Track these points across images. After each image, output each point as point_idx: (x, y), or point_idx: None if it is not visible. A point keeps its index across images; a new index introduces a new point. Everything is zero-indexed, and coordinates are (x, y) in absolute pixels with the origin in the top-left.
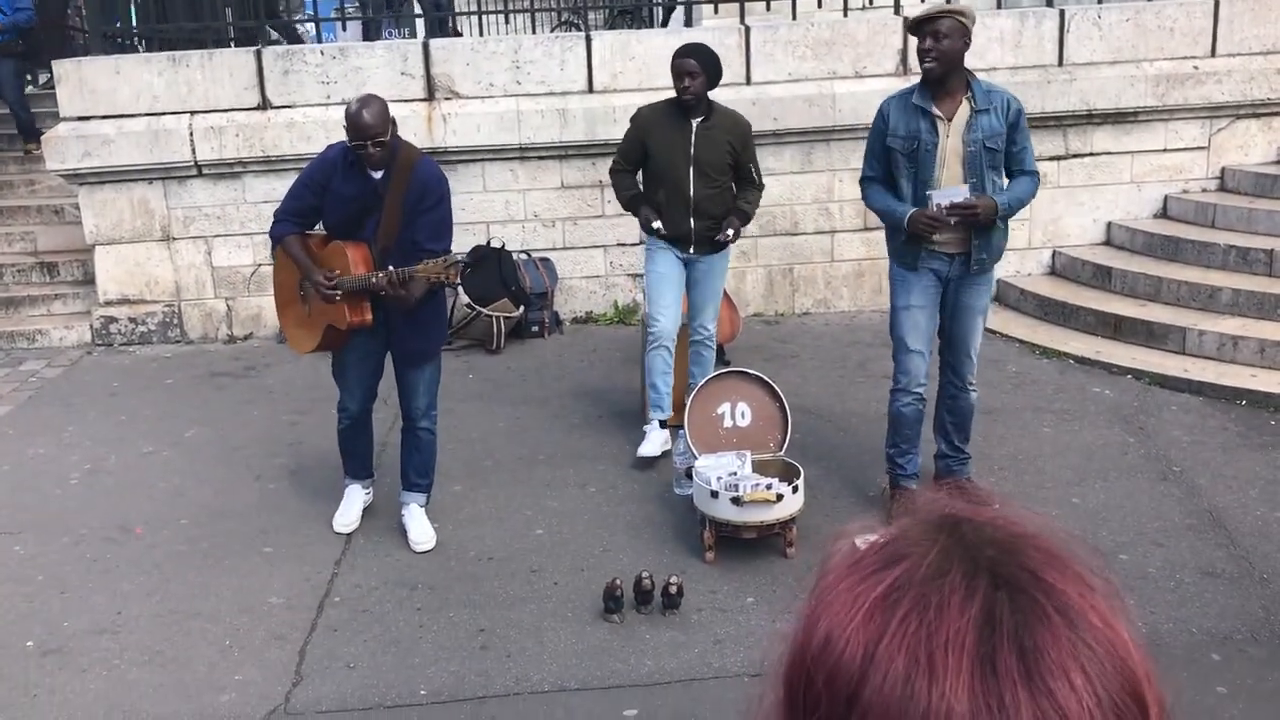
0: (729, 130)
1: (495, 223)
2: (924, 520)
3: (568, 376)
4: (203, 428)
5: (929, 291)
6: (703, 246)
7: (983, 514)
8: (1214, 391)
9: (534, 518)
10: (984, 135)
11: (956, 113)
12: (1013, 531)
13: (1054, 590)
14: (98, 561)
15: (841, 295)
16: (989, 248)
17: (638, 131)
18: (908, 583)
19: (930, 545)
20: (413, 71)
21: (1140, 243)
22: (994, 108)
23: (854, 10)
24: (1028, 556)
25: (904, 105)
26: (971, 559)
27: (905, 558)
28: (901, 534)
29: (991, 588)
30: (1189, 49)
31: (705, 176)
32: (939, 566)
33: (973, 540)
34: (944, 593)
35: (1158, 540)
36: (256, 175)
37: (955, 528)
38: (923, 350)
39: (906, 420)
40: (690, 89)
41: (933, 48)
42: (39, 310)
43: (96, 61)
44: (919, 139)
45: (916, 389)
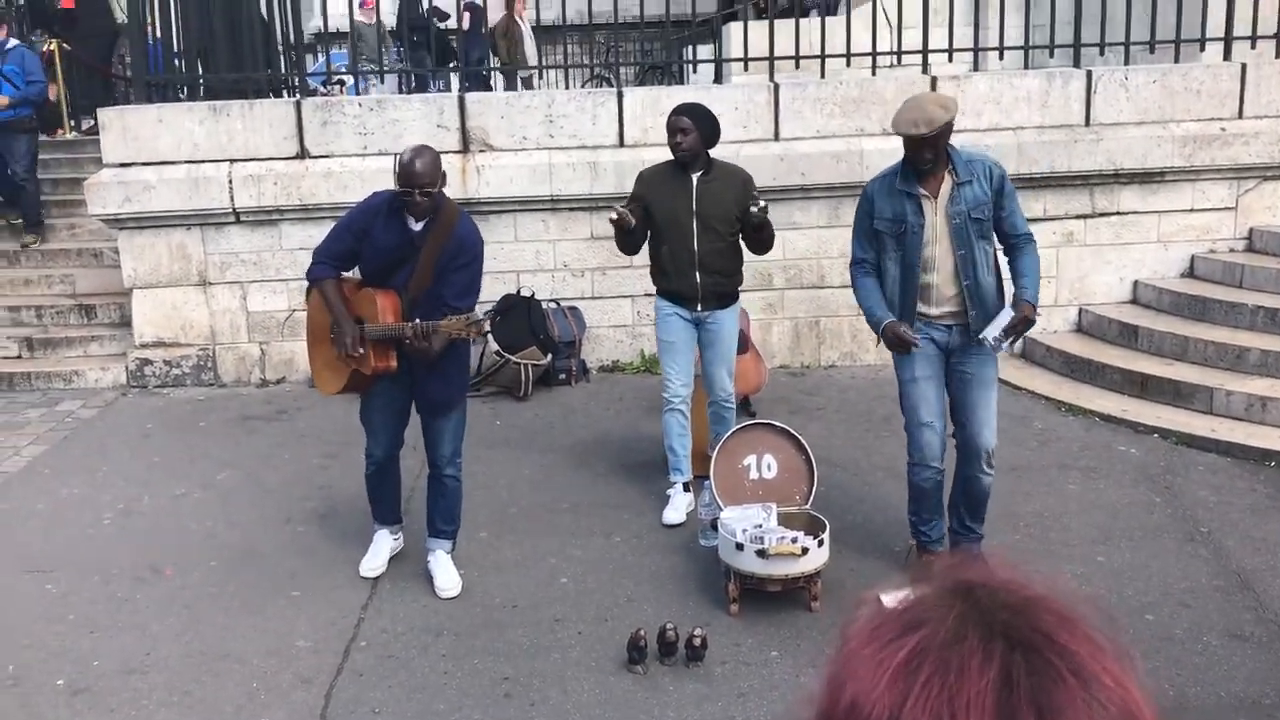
0: (729, 183)
1: (525, 272)
2: (940, 587)
3: (594, 425)
4: (234, 470)
5: (932, 362)
6: (710, 303)
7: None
8: (1242, 452)
9: (559, 566)
10: (968, 206)
11: (941, 188)
12: (1025, 595)
13: (1067, 651)
14: (128, 601)
15: (868, 349)
16: (985, 314)
17: (640, 190)
18: (928, 648)
19: (947, 611)
20: (448, 124)
21: (1167, 302)
22: (976, 177)
23: (882, 69)
24: (1040, 619)
25: (888, 189)
26: (987, 623)
27: (924, 624)
28: (919, 601)
29: (1008, 650)
30: (1216, 110)
31: (710, 230)
32: (957, 631)
33: (987, 605)
34: (963, 656)
35: (1184, 601)
36: (293, 223)
37: (970, 593)
38: (933, 422)
39: (925, 493)
40: (683, 145)
41: (933, 154)
42: (76, 351)
43: (140, 110)
44: (905, 221)
45: (933, 463)
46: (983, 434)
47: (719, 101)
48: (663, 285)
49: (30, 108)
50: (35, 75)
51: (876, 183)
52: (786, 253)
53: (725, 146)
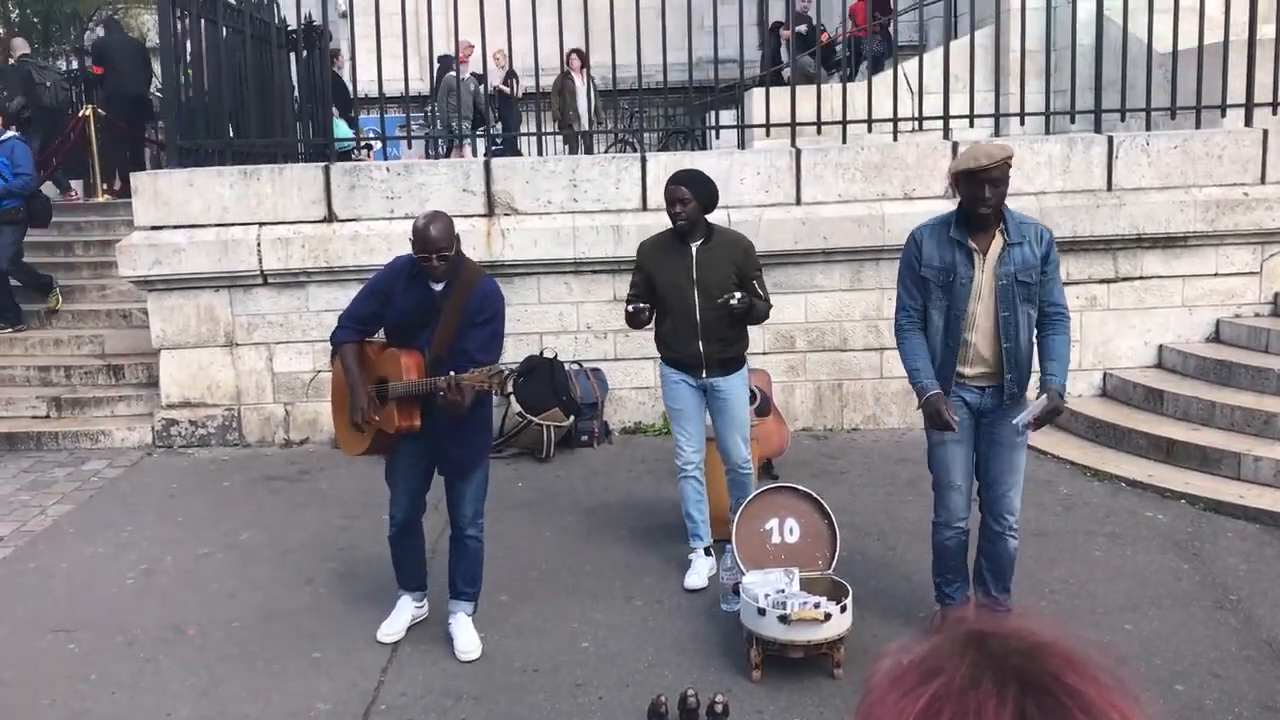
0: (729, 250)
1: (549, 334)
2: (952, 636)
3: (616, 487)
4: (257, 530)
5: (964, 424)
6: (714, 370)
7: (1004, 627)
8: (1271, 519)
9: (580, 630)
10: (1016, 268)
11: (991, 245)
12: (1034, 640)
13: (1076, 692)
14: (150, 662)
15: (890, 412)
16: (1020, 379)
17: (642, 261)
18: (946, 694)
19: (961, 659)
20: (474, 188)
21: (1193, 366)
22: (1027, 240)
23: (903, 134)
24: (1049, 662)
25: (939, 236)
26: (1000, 668)
27: (941, 671)
28: (934, 650)
29: (1020, 693)
30: (1238, 175)
31: (711, 299)
32: (972, 677)
33: (998, 651)
34: (980, 700)
35: (1215, 671)
36: (320, 285)
37: (982, 641)
38: (962, 485)
39: (950, 552)
40: (683, 214)
41: (993, 195)
42: (103, 411)
43: (172, 174)
44: (955, 271)
45: (958, 524)
46: (1009, 496)
47: (741, 166)
48: (667, 354)
49: (18, 200)
50: (24, 168)
51: (926, 229)
52: (809, 315)
53: (747, 210)
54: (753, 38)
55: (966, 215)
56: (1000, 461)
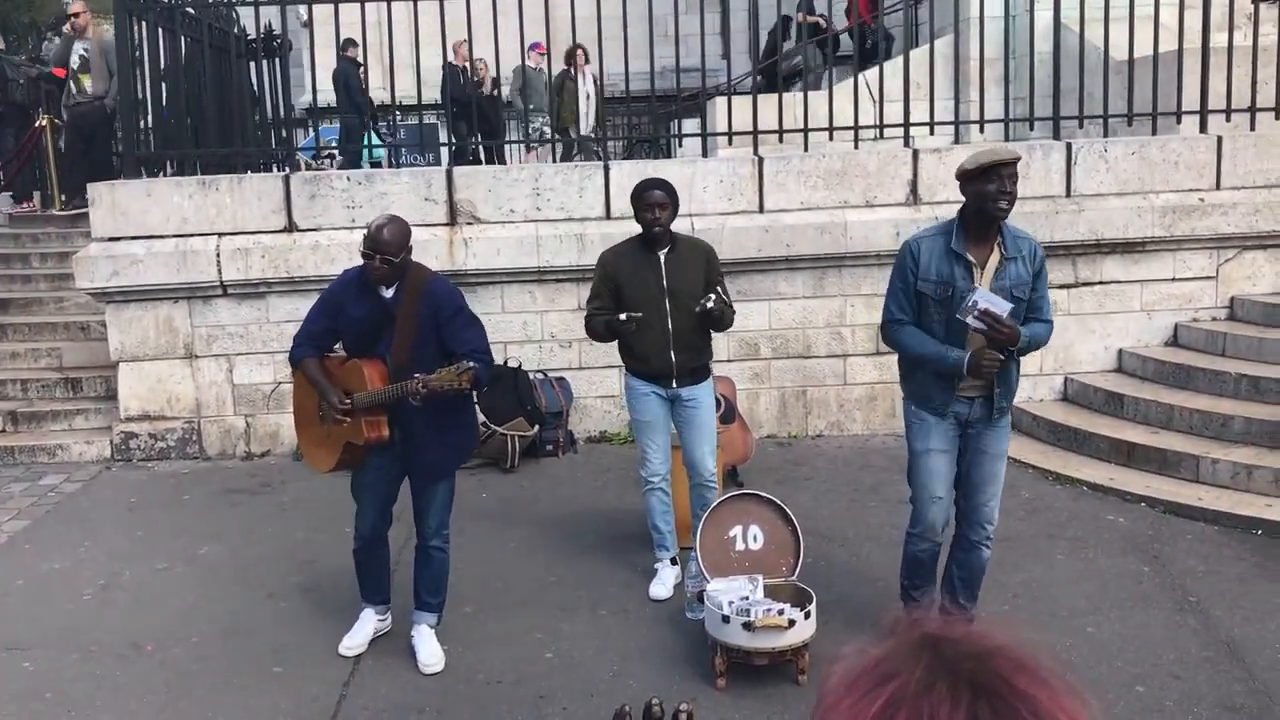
0: (695, 257)
1: (513, 343)
2: (906, 640)
3: (581, 497)
4: (217, 544)
5: (949, 435)
6: (684, 379)
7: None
8: (1229, 521)
9: (544, 641)
10: (1011, 283)
11: (989, 259)
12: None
13: (1026, 696)
14: (107, 679)
15: (854, 419)
16: (1008, 391)
17: (607, 272)
18: (901, 698)
19: (915, 663)
20: (436, 197)
21: (1152, 370)
22: (1022, 255)
23: (865, 142)
24: (1001, 666)
25: (937, 249)
26: (953, 672)
27: (896, 675)
28: (888, 654)
29: (973, 697)
30: (1194, 182)
31: (682, 307)
32: (926, 682)
33: (952, 655)
34: (934, 705)
35: (1174, 673)
36: (281, 295)
37: (935, 646)
38: (944, 497)
39: (922, 563)
40: (660, 220)
41: (1011, 191)
42: (61, 425)
43: (129, 185)
44: (954, 285)
45: (935, 538)
46: (989, 505)
47: (704, 174)
48: (636, 366)
49: None
50: None
51: (925, 241)
52: (773, 323)
53: (711, 218)
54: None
55: (965, 225)
56: (983, 471)
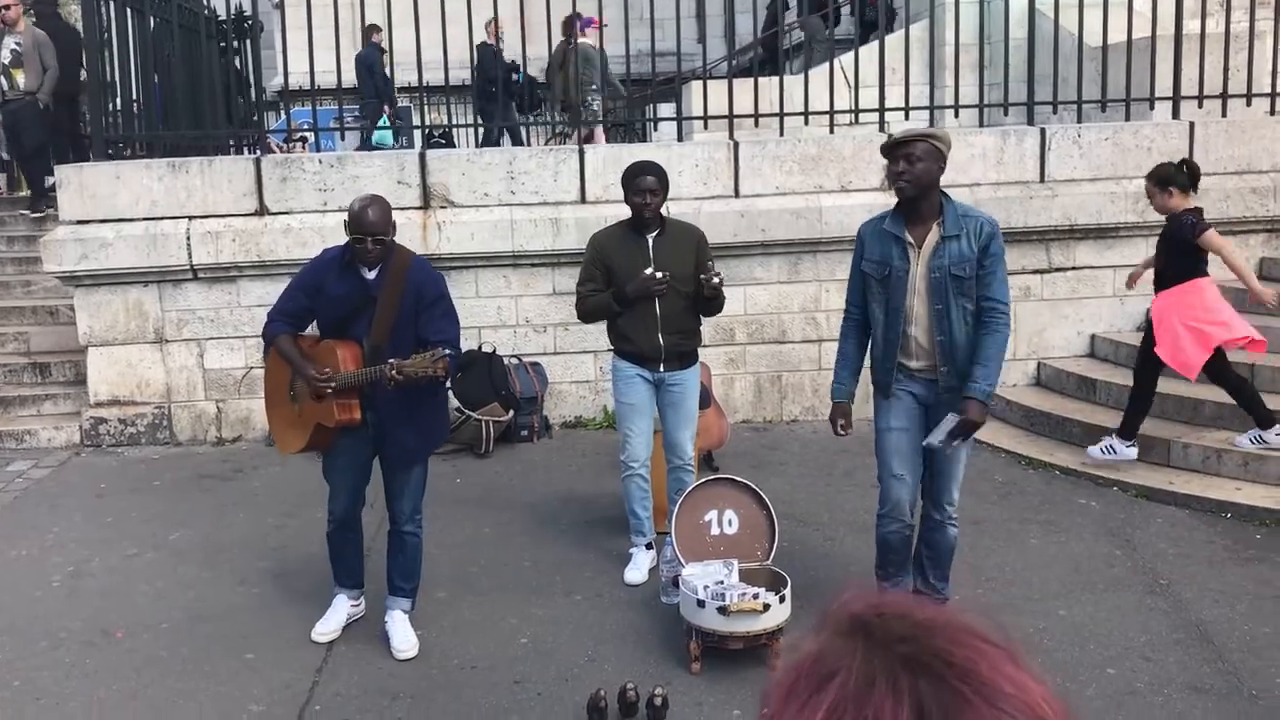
0: (685, 241)
1: (487, 328)
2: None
3: (556, 482)
4: (188, 530)
5: (909, 412)
6: (672, 363)
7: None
8: (1199, 504)
9: (519, 626)
10: (950, 262)
11: (927, 238)
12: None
13: (968, 673)
14: (76, 667)
15: (829, 403)
16: (957, 371)
17: (598, 254)
18: (844, 700)
19: (852, 655)
20: (409, 180)
21: (1124, 355)
22: (965, 232)
23: (840, 127)
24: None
25: (877, 231)
26: (889, 660)
27: (835, 673)
28: (824, 649)
29: (914, 682)
30: None
31: (671, 290)
32: (865, 676)
33: (883, 639)
34: (877, 703)
35: (1146, 655)
36: (252, 279)
37: (867, 630)
38: (905, 476)
39: (892, 546)
40: (652, 205)
41: (906, 170)
42: (29, 410)
43: (98, 167)
44: (891, 265)
45: (901, 517)
46: (949, 487)
47: (680, 159)
48: (624, 348)
49: None
50: None
51: (869, 224)
52: (748, 308)
53: (686, 203)
54: (690, 30)
55: (904, 206)
56: (941, 455)
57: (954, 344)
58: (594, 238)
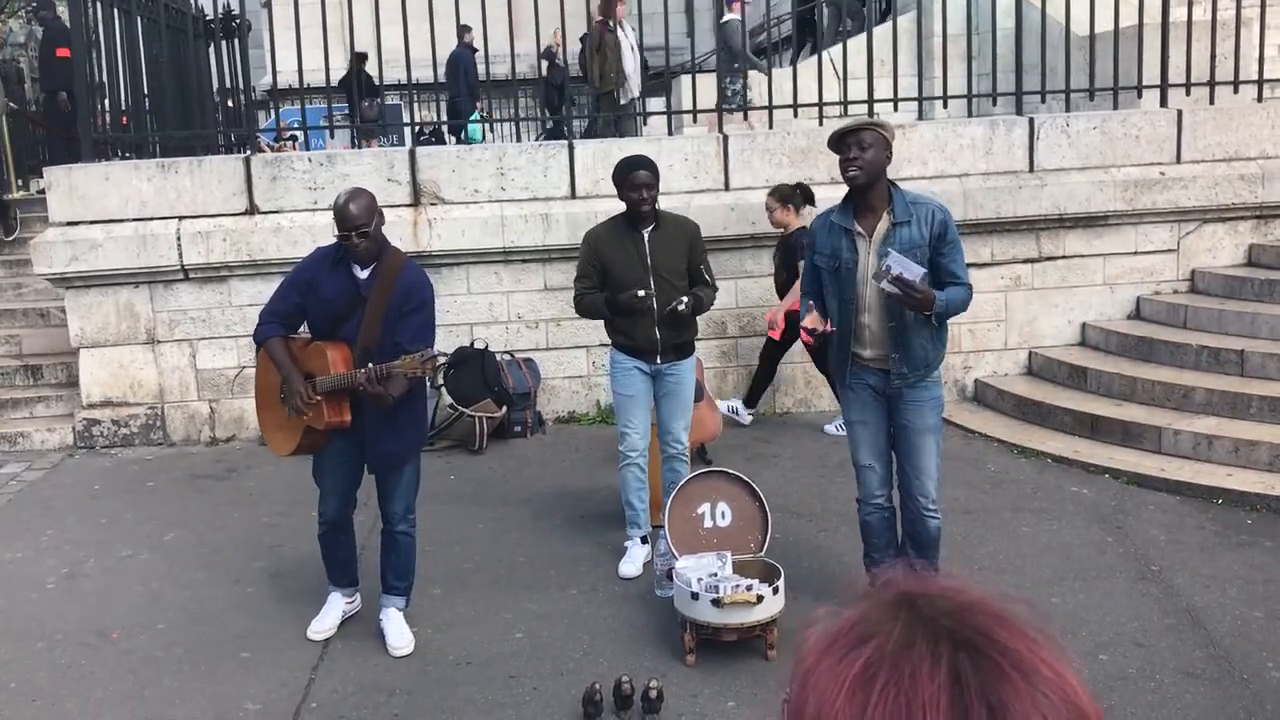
0: (680, 234)
1: (479, 324)
2: (882, 600)
3: (550, 477)
4: (182, 530)
5: (869, 405)
6: (669, 354)
7: (933, 587)
8: (1190, 491)
9: (514, 621)
10: (901, 248)
11: (877, 227)
12: (962, 599)
13: (1007, 649)
14: (72, 668)
15: (821, 395)
16: (910, 360)
17: (592, 250)
18: (881, 658)
19: (893, 622)
20: (399, 178)
21: (1114, 343)
22: (916, 218)
23: (829, 119)
24: (979, 620)
25: (826, 223)
26: (931, 629)
27: (874, 635)
28: (865, 615)
29: (954, 652)
30: (1155, 155)
31: (666, 283)
32: (905, 639)
33: (929, 612)
34: (914, 662)
35: (1137, 640)
36: (243, 279)
37: (912, 603)
38: (873, 464)
39: (873, 528)
40: (647, 199)
41: (857, 157)
42: (21, 413)
43: (87, 168)
44: (840, 257)
45: (875, 499)
46: (920, 480)
47: (670, 152)
48: (621, 341)
49: None
50: None
51: (819, 219)
52: (740, 301)
53: (676, 197)
54: (679, 25)
55: (853, 198)
56: (906, 445)
57: (907, 331)
58: (589, 234)
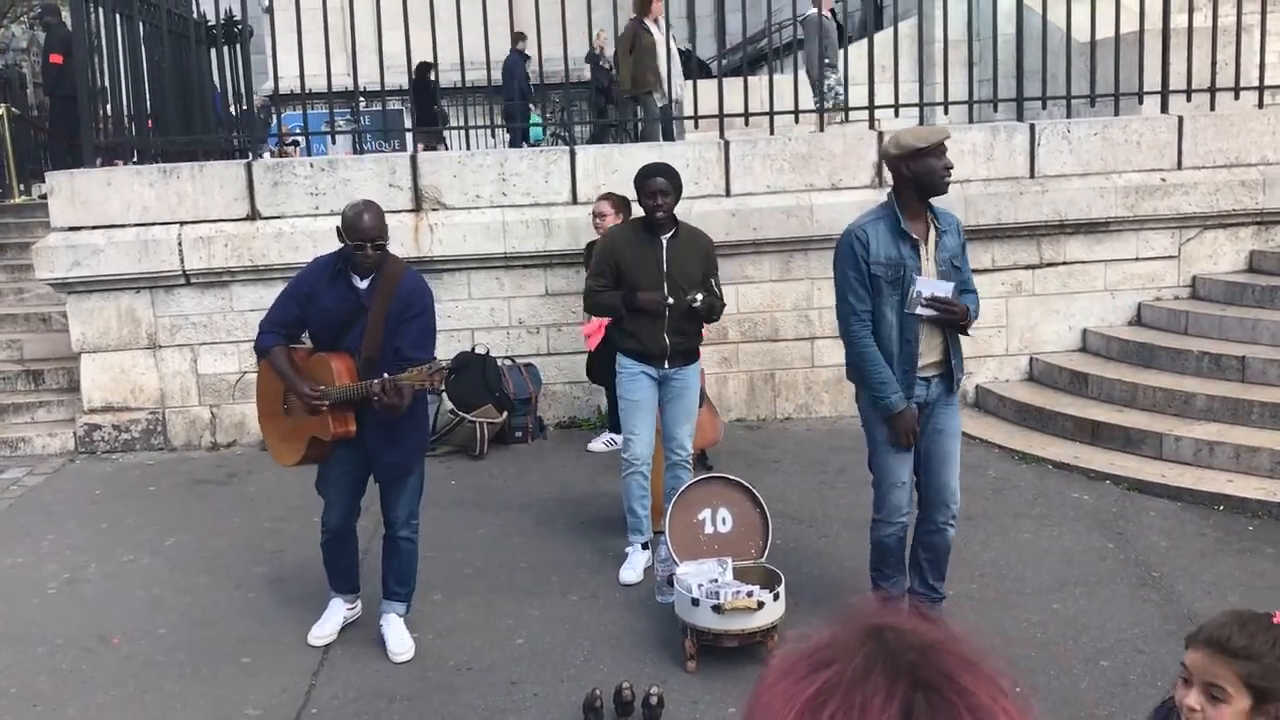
0: (696, 245)
1: (480, 329)
2: (852, 628)
3: (551, 482)
4: (183, 535)
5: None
6: (676, 360)
7: (905, 622)
8: (1191, 496)
9: (515, 627)
10: (949, 254)
11: (928, 234)
12: (932, 638)
13: (967, 692)
14: (73, 673)
15: (822, 401)
16: (961, 362)
17: (609, 251)
18: (836, 685)
19: (857, 650)
20: (400, 183)
21: (1115, 349)
22: (951, 227)
23: (830, 125)
24: (944, 660)
25: (883, 231)
26: (894, 663)
27: (834, 661)
28: (830, 641)
29: (910, 689)
30: (1156, 162)
31: (679, 291)
32: (864, 669)
33: (894, 646)
34: (867, 694)
35: (1139, 647)
36: (244, 284)
37: (880, 634)
38: (906, 481)
39: (891, 550)
40: (663, 206)
41: (951, 165)
42: (23, 418)
43: (89, 173)
44: (904, 264)
45: (901, 518)
46: (950, 485)
47: (671, 158)
48: (630, 345)
49: None
50: None
51: (868, 226)
52: (740, 307)
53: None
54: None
55: (903, 205)
56: (941, 450)
57: (958, 338)
58: (607, 232)
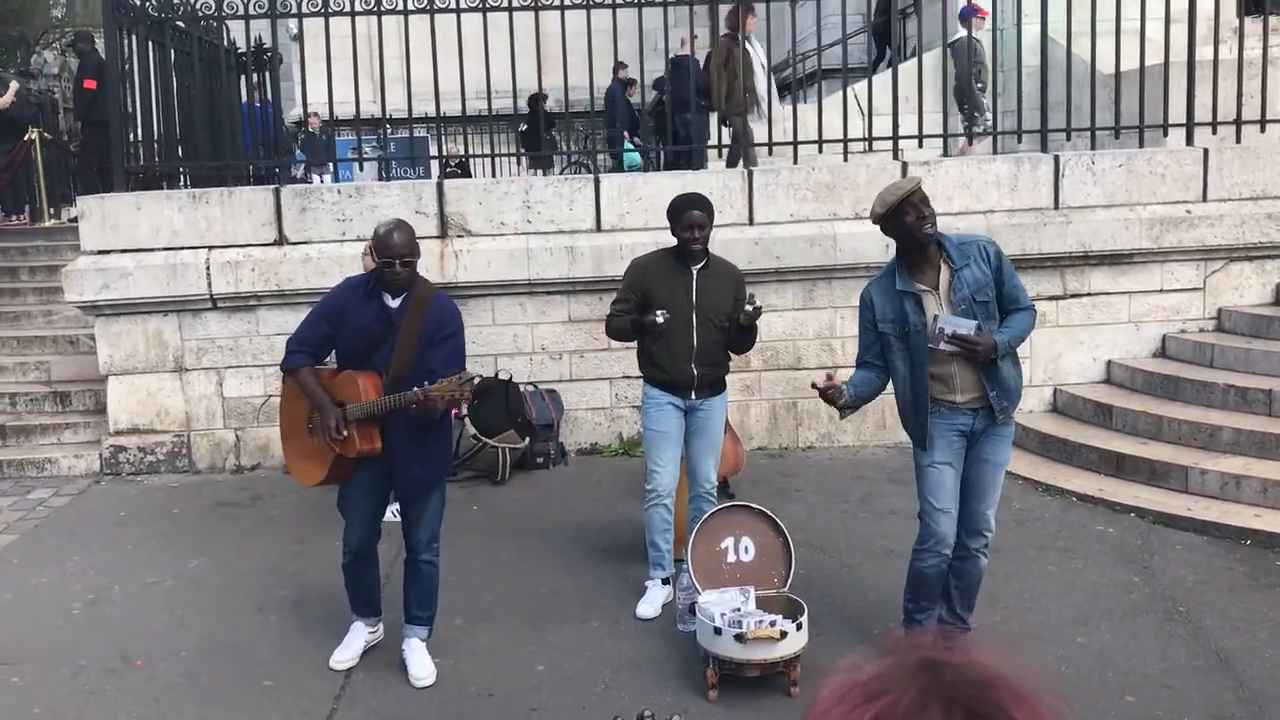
0: (725, 278)
1: (503, 355)
2: (905, 660)
3: (572, 509)
4: (207, 558)
5: (954, 446)
6: (703, 391)
7: (959, 657)
8: (1218, 531)
9: (535, 653)
10: (971, 290)
11: (939, 279)
12: (987, 673)
13: None
14: (96, 694)
15: (845, 430)
16: (1007, 394)
17: (639, 278)
18: (891, 714)
19: (911, 683)
20: (426, 210)
21: (1140, 381)
22: (972, 259)
23: (854, 155)
24: (999, 695)
25: (885, 290)
26: (949, 696)
27: (889, 693)
28: (884, 672)
29: None
30: (1181, 194)
31: (708, 323)
32: (919, 702)
33: (950, 679)
34: None
35: (1165, 683)
36: (270, 308)
37: (935, 668)
38: (951, 509)
39: (930, 580)
40: (699, 239)
41: (927, 213)
42: (49, 439)
43: (119, 198)
44: (908, 321)
45: (945, 550)
46: (988, 514)
47: (694, 187)
48: (655, 375)
49: None
50: None
51: (874, 286)
52: (763, 335)
53: None
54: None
55: (905, 260)
56: (984, 480)
57: (997, 369)
58: (636, 262)
